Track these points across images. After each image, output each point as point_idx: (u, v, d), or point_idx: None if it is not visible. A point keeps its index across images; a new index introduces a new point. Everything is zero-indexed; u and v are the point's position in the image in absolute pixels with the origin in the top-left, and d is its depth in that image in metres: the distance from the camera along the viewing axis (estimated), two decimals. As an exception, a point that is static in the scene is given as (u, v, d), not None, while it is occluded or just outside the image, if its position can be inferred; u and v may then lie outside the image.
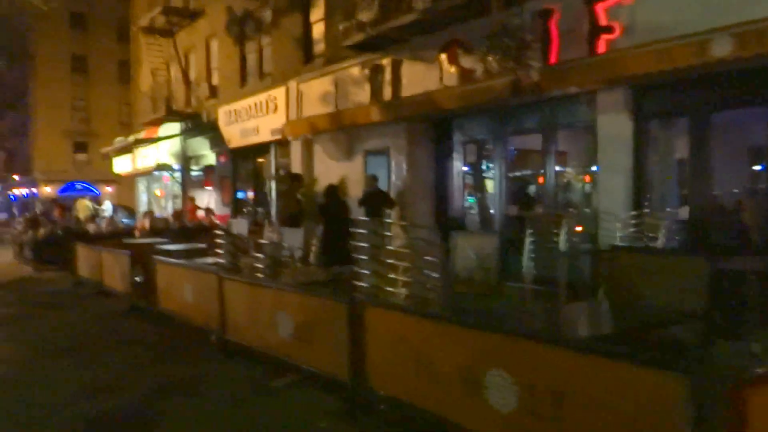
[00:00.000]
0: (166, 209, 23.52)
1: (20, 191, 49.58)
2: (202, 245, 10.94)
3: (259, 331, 5.62)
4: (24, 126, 42.01)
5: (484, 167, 11.03)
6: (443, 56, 10.87)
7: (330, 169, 14.12)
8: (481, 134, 10.93)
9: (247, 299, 5.83)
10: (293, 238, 7.68)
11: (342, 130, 13.31)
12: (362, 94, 12.97)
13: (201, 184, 21.54)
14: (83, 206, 22.91)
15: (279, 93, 15.59)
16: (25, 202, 47.38)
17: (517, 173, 10.79)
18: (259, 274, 6.18)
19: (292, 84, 15.17)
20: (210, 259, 7.93)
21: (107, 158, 25.86)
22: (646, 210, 7.88)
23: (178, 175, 21.95)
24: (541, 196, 9.91)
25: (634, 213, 7.87)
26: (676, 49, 6.96)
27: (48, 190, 43.06)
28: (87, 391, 5.67)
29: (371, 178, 11.86)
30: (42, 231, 16.88)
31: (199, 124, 20.53)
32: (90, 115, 44.09)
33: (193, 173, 21.76)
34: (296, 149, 15.21)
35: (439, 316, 4.17)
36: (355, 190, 12.47)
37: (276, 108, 15.70)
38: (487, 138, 10.81)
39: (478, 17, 10.25)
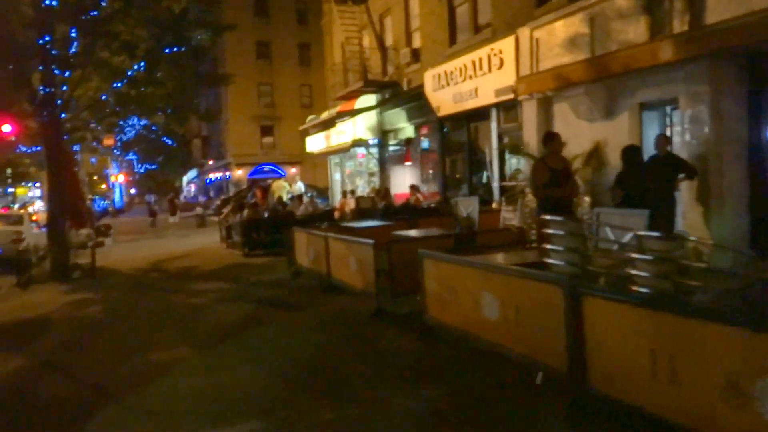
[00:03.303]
0: (359, 188, 22.20)
1: (215, 175, 52.62)
2: (442, 232, 8.87)
3: (682, 394, 3.10)
4: (218, 112, 43.91)
5: None
6: (788, -45, 7.51)
7: (579, 132, 11.28)
8: None
9: (654, 336, 3.31)
10: (619, 221, 5.07)
11: (600, 81, 10.38)
12: (634, 31, 9.90)
13: (400, 159, 19.76)
14: (279, 187, 22.35)
15: (505, 45, 12.98)
16: (220, 185, 50.16)
17: None
18: (640, 288, 3.67)
19: (524, 32, 12.46)
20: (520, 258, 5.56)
21: (303, 136, 25.16)
22: None
23: (374, 150, 20.35)
24: None
25: None
26: None
27: (239, 173, 44.90)
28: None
29: (662, 137, 8.82)
30: (247, 214, 16.07)
31: (397, 94, 18.66)
32: (274, 100, 45.09)
33: (391, 148, 20.01)
34: (529, 110, 12.54)
35: None
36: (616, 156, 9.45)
37: (501, 64, 13.13)
38: None
39: None
